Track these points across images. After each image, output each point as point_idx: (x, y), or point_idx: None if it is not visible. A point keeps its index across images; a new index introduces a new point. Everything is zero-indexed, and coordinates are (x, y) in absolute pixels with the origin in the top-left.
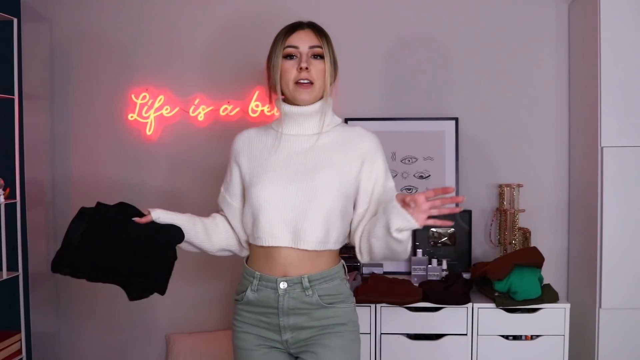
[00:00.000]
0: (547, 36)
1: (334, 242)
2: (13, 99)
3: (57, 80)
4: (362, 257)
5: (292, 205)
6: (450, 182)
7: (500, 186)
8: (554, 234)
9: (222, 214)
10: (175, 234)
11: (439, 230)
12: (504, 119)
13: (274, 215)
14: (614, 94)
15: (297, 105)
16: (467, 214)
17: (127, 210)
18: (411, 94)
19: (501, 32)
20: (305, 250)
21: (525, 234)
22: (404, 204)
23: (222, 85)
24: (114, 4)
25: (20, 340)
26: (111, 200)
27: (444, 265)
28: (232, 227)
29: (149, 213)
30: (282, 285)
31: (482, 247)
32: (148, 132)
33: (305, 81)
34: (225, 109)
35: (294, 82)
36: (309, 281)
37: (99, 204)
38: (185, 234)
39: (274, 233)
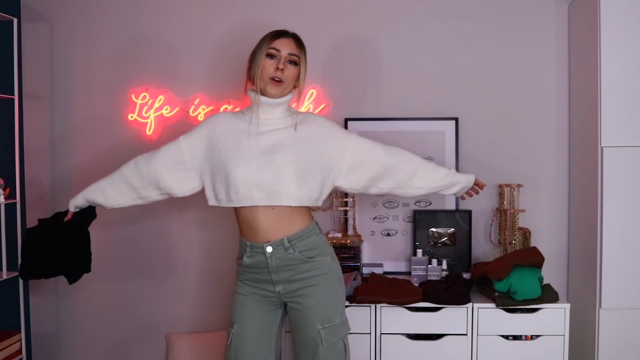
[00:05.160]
0: (547, 36)
1: (307, 199)
2: (13, 99)
3: (57, 80)
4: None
5: (264, 172)
6: None
7: (500, 186)
8: (554, 234)
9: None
10: (84, 216)
11: (439, 230)
12: (504, 119)
13: (249, 181)
14: (614, 94)
15: (266, 96)
16: (467, 214)
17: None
18: (411, 94)
19: (501, 32)
20: (281, 208)
21: (525, 234)
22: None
23: (222, 85)
24: (114, 4)
25: (20, 340)
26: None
27: (444, 265)
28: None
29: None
30: (268, 249)
31: (482, 247)
32: (148, 132)
33: (278, 79)
34: (225, 109)
35: (269, 77)
36: (289, 241)
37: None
38: (112, 202)
39: (251, 195)
